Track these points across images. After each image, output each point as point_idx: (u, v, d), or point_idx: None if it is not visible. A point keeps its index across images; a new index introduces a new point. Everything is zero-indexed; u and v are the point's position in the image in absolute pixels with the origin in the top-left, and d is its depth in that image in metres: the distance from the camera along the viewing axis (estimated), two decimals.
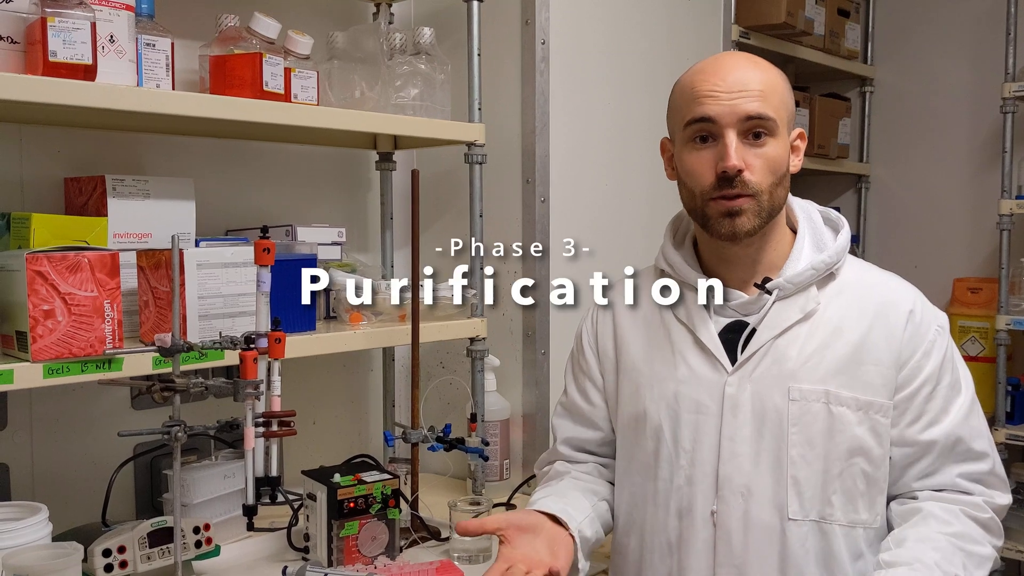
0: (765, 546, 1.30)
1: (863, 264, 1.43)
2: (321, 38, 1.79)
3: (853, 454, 1.30)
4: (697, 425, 1.34)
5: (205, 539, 1.47)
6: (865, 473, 1.31)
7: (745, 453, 1.31)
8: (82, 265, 1.31)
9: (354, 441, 2.16)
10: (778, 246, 1.38)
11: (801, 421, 1.30)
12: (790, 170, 1.36)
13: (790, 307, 1.34)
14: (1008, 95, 2.82)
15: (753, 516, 1.30)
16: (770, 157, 1.30)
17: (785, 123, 1.32)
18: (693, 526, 1.33)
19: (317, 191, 2.07)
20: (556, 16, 2.03)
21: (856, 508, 1.31)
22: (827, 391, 1.30)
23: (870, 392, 1.31)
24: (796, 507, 1.29)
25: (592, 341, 1.51)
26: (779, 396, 1.30)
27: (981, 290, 3.01)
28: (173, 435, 1.30)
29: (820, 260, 1.34)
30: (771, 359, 1.32)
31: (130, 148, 1.73)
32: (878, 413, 1.31)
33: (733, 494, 1.31)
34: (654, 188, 2.33)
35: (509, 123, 2.03)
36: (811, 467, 1.29)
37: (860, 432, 1.30)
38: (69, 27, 1.30)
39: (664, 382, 1.38)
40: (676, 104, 1.37)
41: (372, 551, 1.55)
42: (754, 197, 1.29)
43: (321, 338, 1.64)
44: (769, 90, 1.30)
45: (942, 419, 1.33)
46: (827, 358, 1.31)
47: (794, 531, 1.29)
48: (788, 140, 1.34)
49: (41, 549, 1.29)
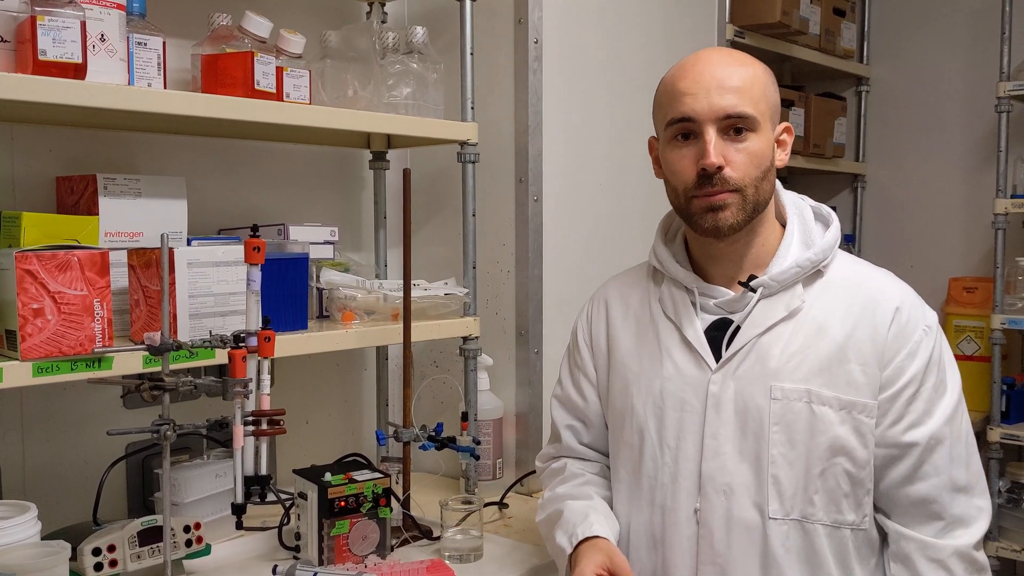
0: (747, 545, 1.30)
1: (854, 261, 1.41)
2: (313, 37, 1.78)
3: (835, 453, 1.29)
4: (681, 422, 1.35)
5: (196, 538, 1.47)
6: (848, 473, 1.30)
7: (728, 452, 1.31)
8: (72, 264, 1.31)
9: (347, 440, 2.16)
10: (766, 242, 1.37)
11: (783, 420, 1.29)
12: (775, 164, 1.36)
13: (775, 305, 1.33)
14: (1003, 94, 2.82)
15: (735, 514, 1.30)
16: (752, 152, 1.30)
17: (767, 117, 1.32)
18: (677, 523, 1.34)
19: (310, 190, 2.07)
20: (549, 15, 2.03)
21: (840, 508, 1.30)
22: (809, 390, 1.29)
23: (853, 391, 1.29)
24: (776, 506, 1.29)
25: (587, 336, 1.52)
26: (761, 395, 1.30)
27: (977, 289, 3.01)
28: (162, 434, 1.30)
29: (805, 258, 1.33)
30: (754, 357, 1.32)
31: (122, 147, 1.73)
32: (861, 413, 1.29)
33: (715, 492, 1.31)
34: (648, 187, 2.32)
35: (502, 122, 2.03)
36: (792, 466, 1.29)
37: (842, 432, 1.29)
38: (59, 26, 1.30)
39: (651, 379, 1.39)
40: (659, 103, 1.38)
41: (363, 550, 1.55)
42: (737, 192, 1.30)
43: (313, 337, 1.64)
44: (748, 86, 1.30)
45: (925, 421, 1.30)
46: (810, 357, 1.30)
47: (775, 530, 1.29)
48: (772, 134, 1.34)
49: (28, 548, 1.29)
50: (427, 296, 1.84)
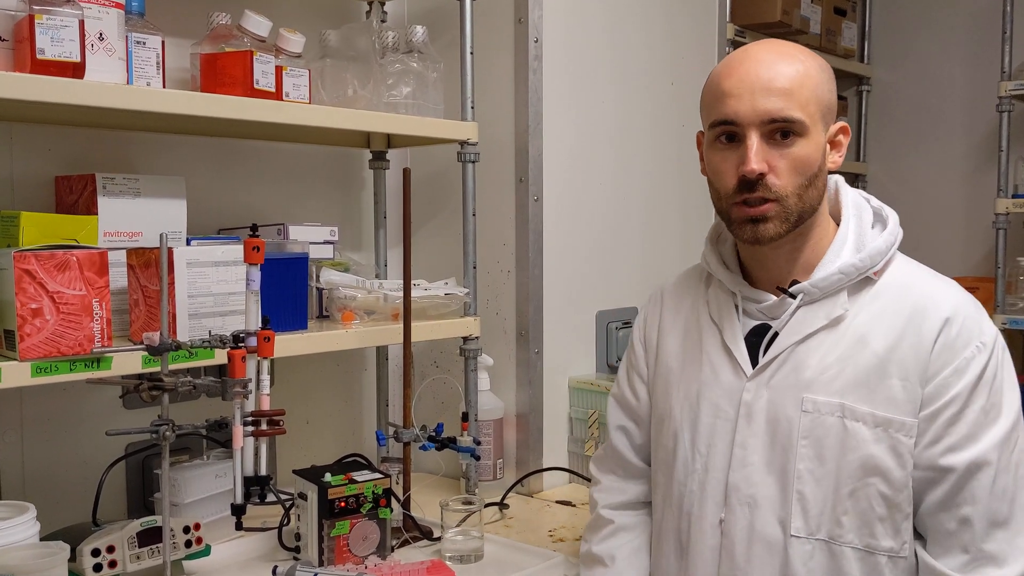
0: (766, 561, 1.25)
1: (913, 267, 1.30)
2: (313, 36, 1.78)
3: (868, 473, 1.21)
4: (714, 429, 1.30)
5: (195, 539, 1.46)
6: (884, 496, 1.21)
7: (755, 463, 1.26)
8: (70, 263, 1.31)
9: (347, 440, 2.16)
10: (816, 246, 1.29)
11: (812, 434, 1.23)
12: (827, 168, 1.28)
13: (815, 313, 1.26)
14: (1004, 94, 2.82)
15: (757, 528, 1.25)
16: (797, 158, 1.22)
17: (818, 119, 1.24)
18: (702, 532, 1.30)
19: (310, 190, 2.06)
20: (549, 14, 2.03)
21: (873, 533, 1.21)
22: (843, 404, 1.22)
23: (892, 408, 1.21)
24: (800, 523, 1.23)
25: (641, 334, 1.48)
26: (792, 406, 1.24)
27: (977, 289, 2.97)
28: (161, 434, 1.29)
29: (850, 264, 1.25)
30: (790, 366, 1.26)
31: (121, 146, 1.72)
32: (899, 432, 1.20)
33: (740, 503, 1.27)
34: (651, 186, 2.33)
35: (502, 122, 2.03)
36: (820, 483, 1.22)
37: (877, 451, 1.20)
38: (57, 24, 1.29)
39: (689, 382, 1.35)
40: (704, 100, 1.30)
41: (363, 551, 1.55)
42: (779, 202, 1.22)
43: (313, 337, 1.64)
44: (796, 86, 1.21)
45: (966, 445, 1.19)
46: (847, 369, 1.23)
47: (797, 548, 1.23)
48: (823, 137, 1.25)
49: (27, 549, 1.28)
50: (427, 296, 1.84)
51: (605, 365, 2.23)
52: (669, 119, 2.37)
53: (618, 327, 2.24)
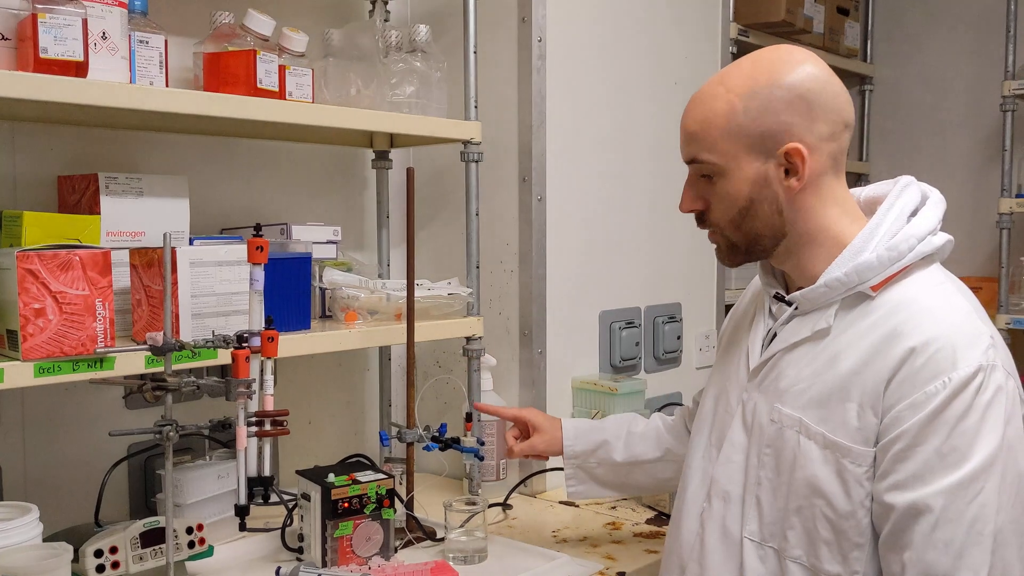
0: (726, 556, 1.28)
1: (927, 284, 1.22)
2: (316, 35, 1.78)
3: (814, 494, 1.19)
4: (723, 424, 1.34)
5: (198, 539, 1.46)
6: (828, 519, 1.18)
7: (737, 461, 1.29)
8: (73, 263, 1.30)
9: (351, 441, 2.15)
10: (815, 258, 1.25)
11: (774, 444, 1.24)
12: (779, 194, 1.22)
13: (803, 323, 1.25)
14: (1008, 93, 2.82)
15: (726, 524, 1.29)
16: (720, 195, 1.25)
17: (738, 154, 1.21)
18: (688, 517, 1.35)
19: (313, 189, 2.06)
20: (552, 13, 2.02)
21: (818, 555, 1.19)
22: (801, 420, 1.21)
23: (842, 433, 1.17)
24: (754, 528, 1.25)
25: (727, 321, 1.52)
26: (766, 413, 1.26)
27: (981, 289, 2.99)
28: (164, 435, 1.29)
29: (834, 278, 1.21)
30: (775, 374, 1.27)
31: (123, 146, 1.72)
32: (846, 458, 1.16)
33: (717, 496, 1.31)
34: (654, 186, 2.32)
35: (505, 121, 2.03)
36: (775, 494, 1.23)
37: (822, 473, 1.18)
38: (60, 23, 1.29)
39: (719, 373, 1.40)
40: None
41: (366, 551, 1.54)
42: (720, 234, 1.29)
43: (316, 337, 1.63)
44: (702, 129, 1.23)
45: (912, 485, 1.11)
46: (815, 386, 1.21)
47: (750, 551, 1.25)
48: (751, 170, 1.22)
49: (30, 550, 1.28)
50: (430, 296, 1.83)
51: (608, 365, 2.23)
52: (673, 118, 2.31)
53: (621, 327, 2.24)
